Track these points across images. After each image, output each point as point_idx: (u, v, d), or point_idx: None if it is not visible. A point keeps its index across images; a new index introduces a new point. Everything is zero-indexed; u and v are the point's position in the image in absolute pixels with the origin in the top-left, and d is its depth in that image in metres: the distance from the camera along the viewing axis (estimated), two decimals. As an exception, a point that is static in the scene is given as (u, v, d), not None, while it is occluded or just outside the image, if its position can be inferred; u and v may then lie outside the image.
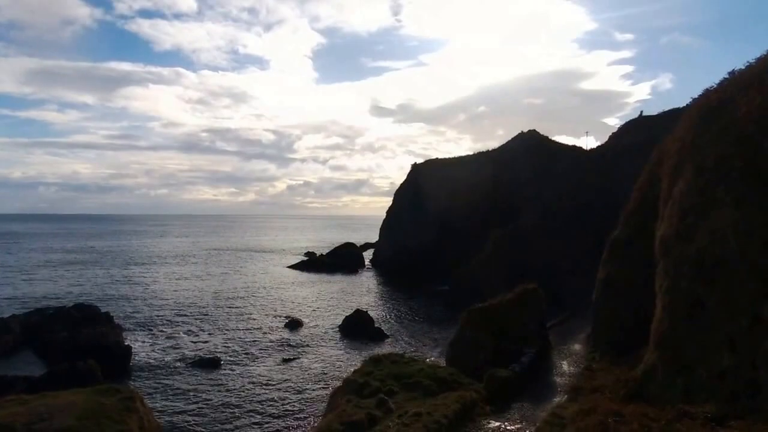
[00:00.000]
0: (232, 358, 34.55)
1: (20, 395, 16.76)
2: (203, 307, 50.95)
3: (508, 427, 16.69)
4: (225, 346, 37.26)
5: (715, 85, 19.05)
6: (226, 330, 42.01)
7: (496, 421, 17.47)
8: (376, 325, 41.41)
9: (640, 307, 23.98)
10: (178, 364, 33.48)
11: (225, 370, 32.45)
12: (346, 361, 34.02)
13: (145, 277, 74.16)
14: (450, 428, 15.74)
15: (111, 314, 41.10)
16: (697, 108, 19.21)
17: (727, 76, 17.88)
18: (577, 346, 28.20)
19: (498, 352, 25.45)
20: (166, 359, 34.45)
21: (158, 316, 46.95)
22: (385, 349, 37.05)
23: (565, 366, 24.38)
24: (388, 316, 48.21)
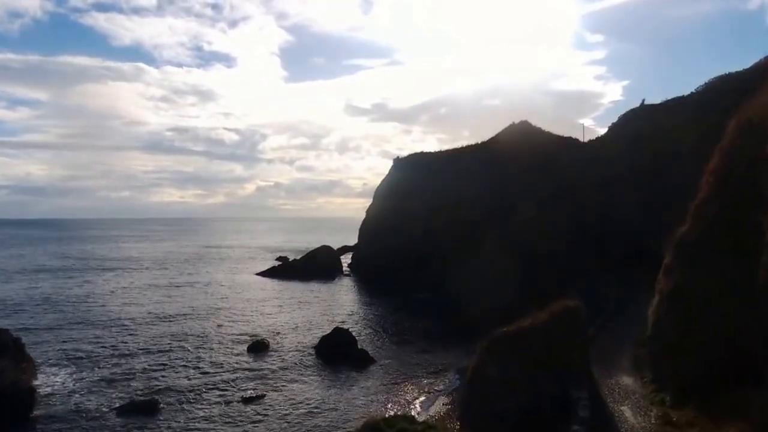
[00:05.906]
0: (174, 400, 26.73)
1: None
2: (146, 329, 42.32)
3: None
4: (167, 383, 29.22)
5: None
6: (171, 359, 33.80)
7: None
8: (359, 347, 34.18)
9: (731, 328, 17.75)
10: (104, 409, 25.65)
11: (164, 417, 24.77)
12: (325, 400, 26.76)
13: (81, 289, 64.02)
14: None
15: (22, 340, 32.16)
16: None
17: None
18: (625, 379, 21.75)
19: (536, 394, 18.69)
20: (87, 403, 26.44)
21: (87, 341, 38.11)
22: (373, 378, 29.92)
23: (628, 414, 17.80)
24: (372, 334, 41.01)
